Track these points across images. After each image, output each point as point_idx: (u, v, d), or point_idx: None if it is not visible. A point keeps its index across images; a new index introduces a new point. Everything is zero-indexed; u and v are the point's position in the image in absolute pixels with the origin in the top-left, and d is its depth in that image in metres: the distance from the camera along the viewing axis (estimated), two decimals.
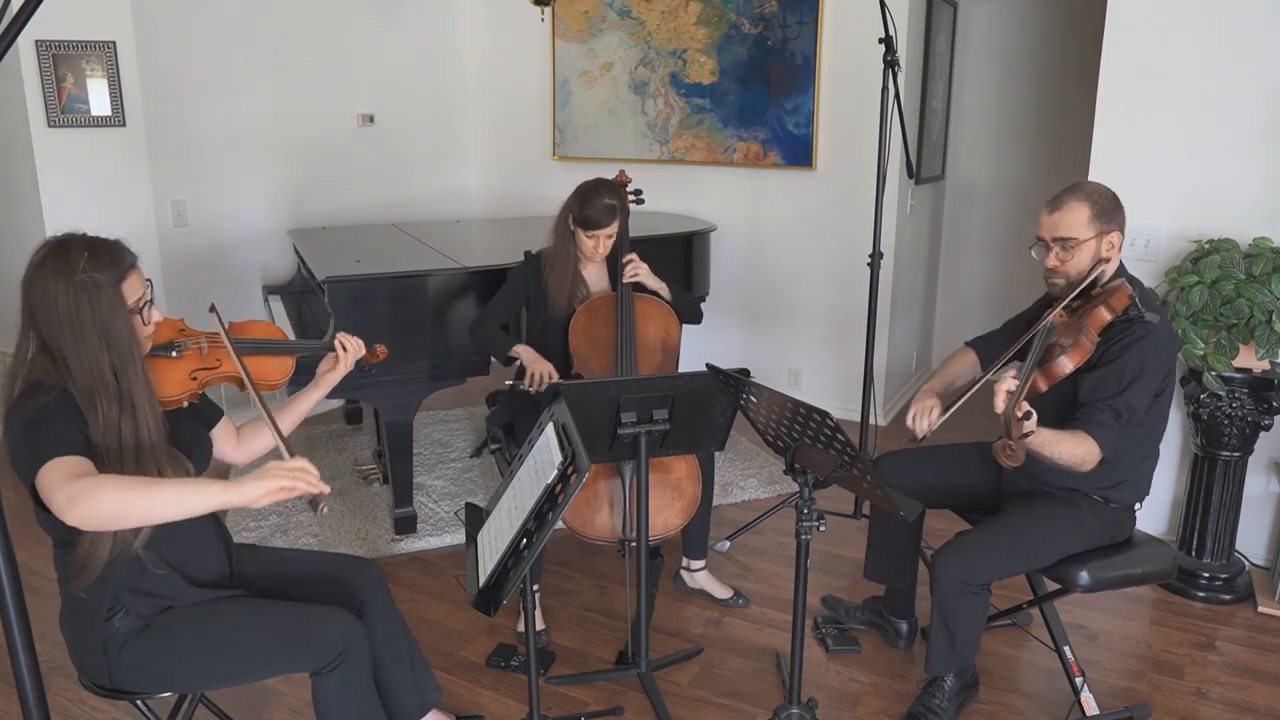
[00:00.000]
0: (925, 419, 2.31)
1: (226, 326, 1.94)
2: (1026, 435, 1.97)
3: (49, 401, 1.65)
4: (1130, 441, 2.27)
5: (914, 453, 2.70)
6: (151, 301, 1.80)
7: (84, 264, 1.67)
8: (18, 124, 3.57)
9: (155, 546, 1.77)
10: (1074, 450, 2.13)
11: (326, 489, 1.59)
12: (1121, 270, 2.35)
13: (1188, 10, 3.04)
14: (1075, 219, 2.26)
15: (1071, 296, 2.26)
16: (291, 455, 1.63)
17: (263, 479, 1.54)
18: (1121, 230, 2.31)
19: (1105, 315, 2.19)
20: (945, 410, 2.29)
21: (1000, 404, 2.00)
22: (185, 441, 1.86)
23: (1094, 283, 2.29)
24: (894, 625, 2.77)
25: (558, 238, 2.98)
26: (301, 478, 1.56)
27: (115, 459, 1.67)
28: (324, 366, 2.14)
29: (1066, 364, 2.12)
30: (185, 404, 1.88)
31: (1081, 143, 3.50)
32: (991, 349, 2.57)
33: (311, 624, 1.84)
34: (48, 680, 1.63)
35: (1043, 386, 2.13)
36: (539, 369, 2.81)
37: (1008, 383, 2.03)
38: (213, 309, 2.00)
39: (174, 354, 1.88)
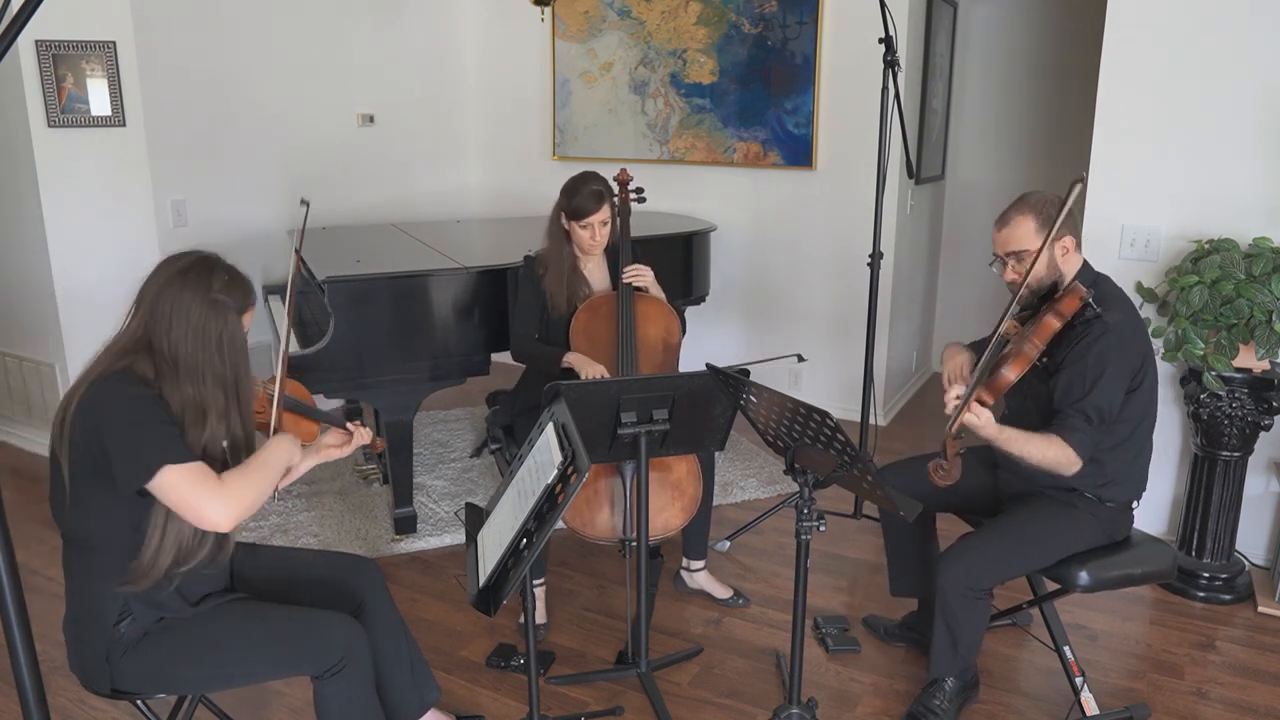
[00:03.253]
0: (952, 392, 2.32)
1: (279, 374, 1.97)
2: (959, 453, 2.02)
3: (149, 401, 1.68)
4: (1113, 440, 2.27)
5: (912, 459, 2.70)
6: None
7: (221, 285, 1.76)
8: (18, 124, 3.57)
9: (174, 573, 1.79)
10: (1044, 451, 2.15)
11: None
12: (1086, 270, 2.35)
13: (1187, 10, 3.04)
14: (1021, 232, 2.30)
15: (1012, 306, 2.25)
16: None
17: (297, 450, 1.92)
18: (1074, 234, 2.32)
19: (1054, 323, 2.18)
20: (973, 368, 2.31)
21: (949, 413, 2.04)
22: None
23: (1055, 287, 2.30)
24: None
25: (551, 238, 2.98)
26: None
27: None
28: (331, 440, 2.10)
29: (1009, 374, 2.11)
30: None
31: (1081, 143, 3.50)
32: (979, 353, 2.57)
33: (312, 629, 1.84)
34: (48, 680, 1.63)
35: (989, 399, 2.12)
36: (592, 372, 2.81)
37: (953, 392, 2.07)
38: (303, 202, 2.07)
39: None
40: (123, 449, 1.64)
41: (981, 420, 2.08)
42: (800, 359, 2.80)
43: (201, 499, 1.65)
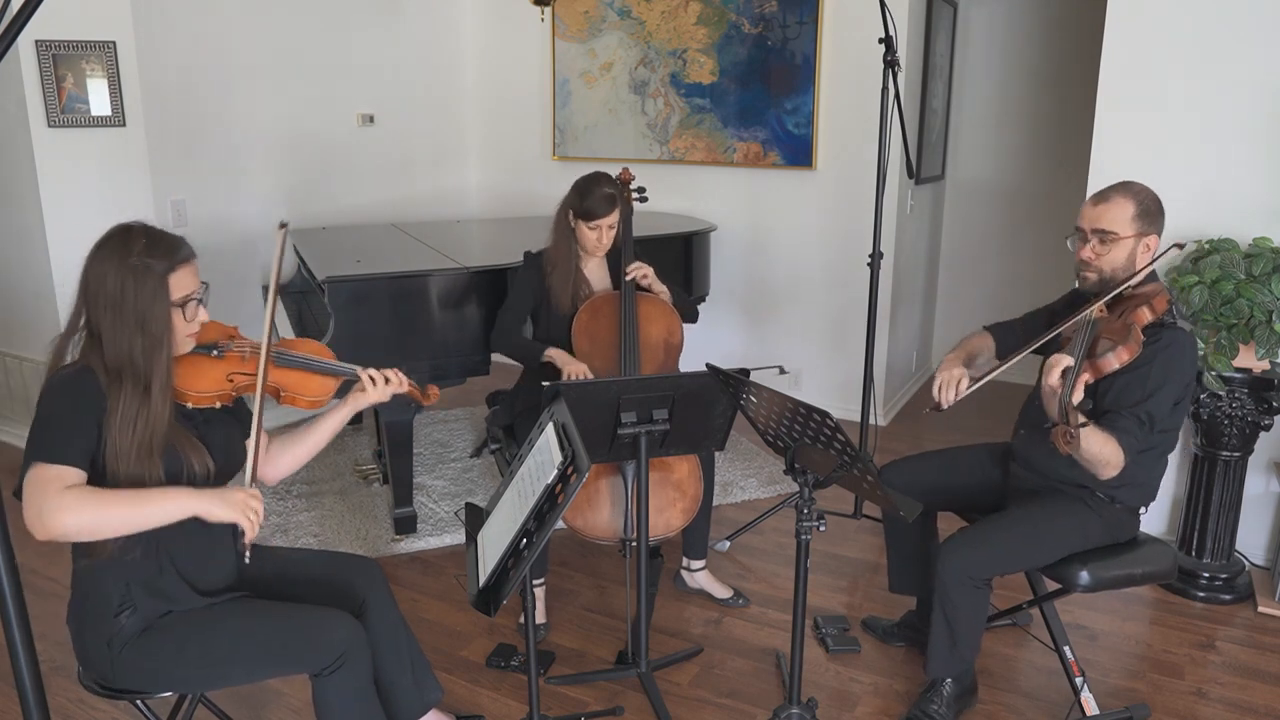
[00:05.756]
0: (952, 390, 2.30)
1: (276, 338, 1.95)
2: (1084, 424, 2.00)
3: (71, 376, 1.69)
4: (1144, 445, 2.25)
5: (917, 456, 2.70)
6: (202, 301, 1.83)
7: (140, 249, 1.72)
8: (18, 124, 3.57)
9: (171, 553, 1.80)
10: (1103, 448, 2.10)
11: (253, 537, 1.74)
12: (1154, 278, 2.32)
13: (1188, 10, 3.04)
14: (1119, 214, 2.26)
15: (1114, 294, 2.24)
16: (253, 483, 1.79)
17: (229, 508, 1.70)
18: (1159, 236, 2.29)
19: (1148, 315, 2.18)
20: (972, 384, 2.28)
21: (1055, 379, 2.02)
22: (216, 440, 1.87)
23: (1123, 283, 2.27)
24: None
25: (558, 236, 2.98)
26: (255, 523, 1.73)
27: (127, 448, 1.70)
28: (355, 386, 2.08)
29: (1113, 360, 2.10)
30: (218, 405, 1.87)
31: (1082, 143, 3.50)
32: (1011, 339, 2.55)
33: (312, 626, 1.84)
34: (48, 680, 1.63)
35: (1090, 379, 2.11)
36: (574, 370, 2.83)
37: (1063, 360, 2.03)
38: (283, 225, 2.00)
39: (215, 353, 1.89)
40: (28, 441, 1.67)
41: (1079, 398, 2.02)
42: (781, 370, 2.80)
43: (33, 499, 1.59)
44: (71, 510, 1.59)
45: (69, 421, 1.68)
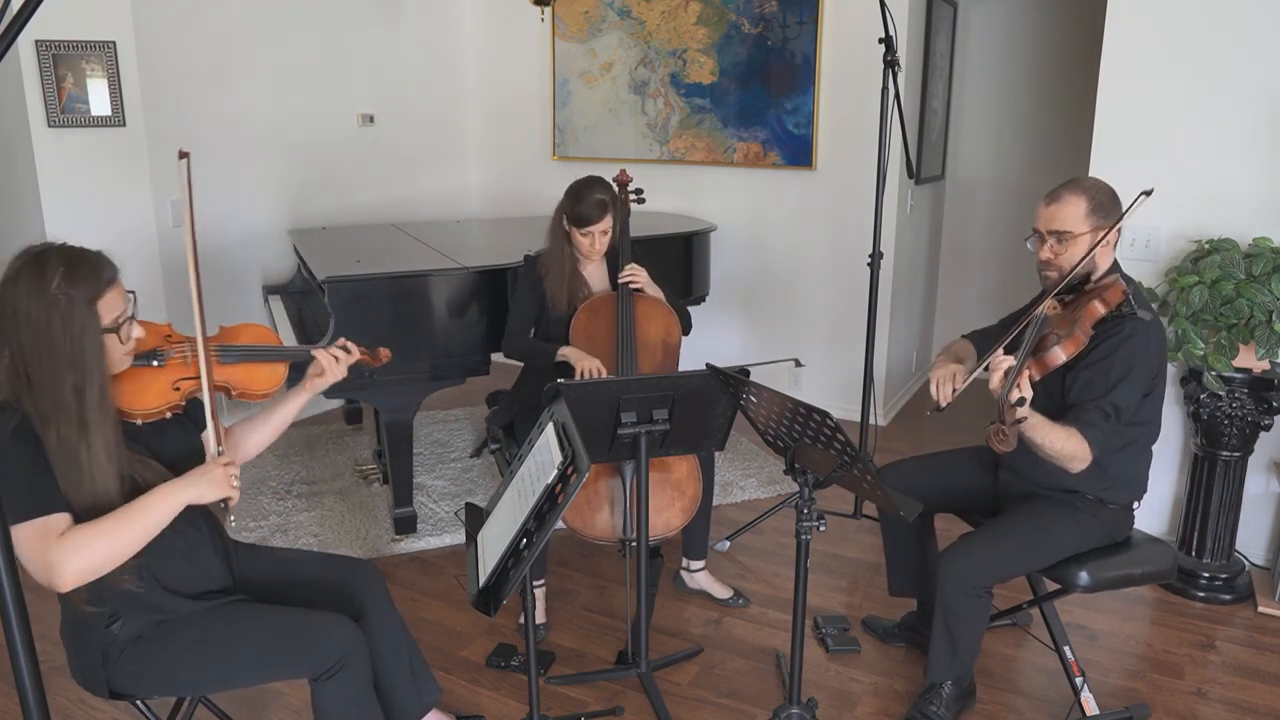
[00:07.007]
0: (948, 385, 2.31)
1: (207, 330, 1.84)
2: (1020, 420, 2.00)
3: (9, 435, 1.58)
4: (1120, 441, 2.27)
5: (913, 459, 2.70)
6: (133, 317, 1.73)
7: (59, 280, 1.59)
8: (18, 124, 3.57)
9: (150, 568, 1.75)
10: (1065, 442, 2.12)
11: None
12: (1115, 268, 2.35)
13: (1188, 10, 3.04)
14: (1071, 213, 2.27)
15: (1061, 287, 2.26)
16: (221, 451, 1.76)
17: (215, 486, 1.70)
18: (1118, 227, 2.30)
19: (1100, 309, 2.19)
20: (968, 375, 2.30)
21: (996, 382, 2.03)
22: (174, 452, 1.82)
23: (1087, 278, 2.29)
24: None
25: (553, 239, 2.99)
26: (238, 489, 1.74)
27: (75, 483, 1.62)
28: (313, 370, 2.03)
29: (1059, 354, 2.12)
30: (168, 414, 1.80)
31: (1082, 142, 3.50)
32: (988, 342, 2.56)
33: (311, 631, 1.84)
34: (48, 680, 1.62)
35: (1036, 375, 2.12)
36: (588, 365, 2.83)
37: (1005, 362, 2.05)
38: (182, 156, 1.80)
39: (155, 363, 1.80)
40: None
41: (1025, 395, 2.03)
42: (797, 364, 2.79)
43: (34, 558, 1.53)
44: (79, 553, 1.56)
45: (29, 473, 1.58)
